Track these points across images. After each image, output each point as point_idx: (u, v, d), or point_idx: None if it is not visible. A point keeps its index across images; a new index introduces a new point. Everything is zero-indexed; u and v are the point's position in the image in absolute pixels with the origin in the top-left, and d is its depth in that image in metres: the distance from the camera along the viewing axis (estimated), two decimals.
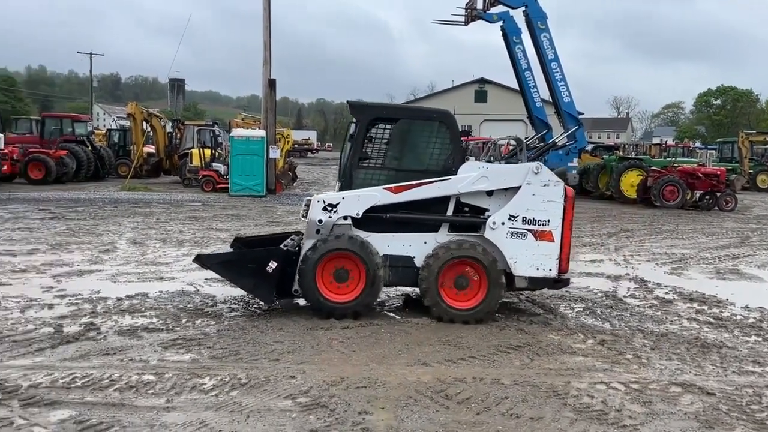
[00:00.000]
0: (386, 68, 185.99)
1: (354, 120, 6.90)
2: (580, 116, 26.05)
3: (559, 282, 6.75)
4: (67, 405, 4.18)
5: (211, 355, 5.26)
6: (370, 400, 4.44)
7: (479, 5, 25.83)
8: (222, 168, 22.98)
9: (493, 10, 25.69)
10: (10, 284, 7.65)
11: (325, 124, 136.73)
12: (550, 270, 6.60)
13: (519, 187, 6.60)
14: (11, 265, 8.74)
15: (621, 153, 30.04)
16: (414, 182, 6.58)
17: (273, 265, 6.47)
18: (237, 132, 22.84)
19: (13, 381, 4.53)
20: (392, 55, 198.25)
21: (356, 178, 6.77)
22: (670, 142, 50.13)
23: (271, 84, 22.27)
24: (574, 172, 24.71)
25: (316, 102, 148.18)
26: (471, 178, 6.62)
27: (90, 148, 27.56)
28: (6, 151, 25.08)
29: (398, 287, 7.37)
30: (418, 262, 6.58)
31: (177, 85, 61.53)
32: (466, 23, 26.50)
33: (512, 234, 6.56)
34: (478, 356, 5.42)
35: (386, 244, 6.64)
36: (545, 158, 24.92)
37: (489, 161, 24.94)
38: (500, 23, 25.64)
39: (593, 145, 34.41)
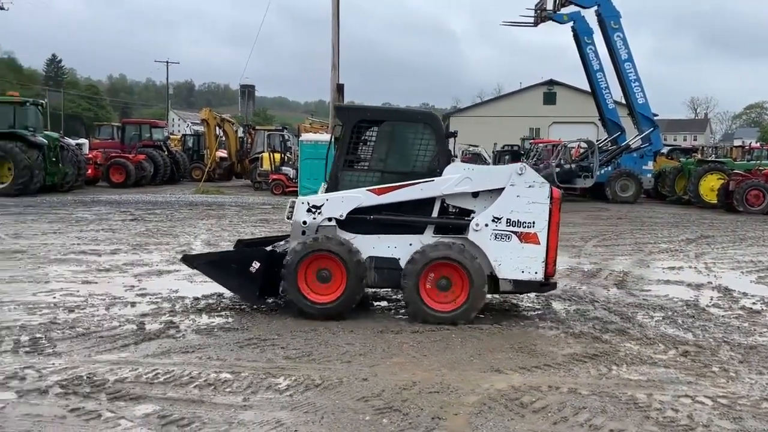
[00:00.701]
0: (451, 71, 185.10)
1: (340, 123, 6.98)
2: (654, 118, 25.14)
3: (545, 285, 6.62)
4: (150, 400, 4.34)
5: (285, 356, 5.35)
6: (443, 405, 4.40)
7: (549, 6, 25.36)
8: (291, 172, 23.45)
9: (564, 10, 25.17)
10: (96, 282, 8.03)
11: None
12: (536, 273, 6.46)
13: (503, 189, 6.50)
14: (97, 264, 9.19)
15: (700, 156, 28.75)
16: (397, 184, 6.56)
17: (256, 265, 6.58)
18: (306, 136, 23.25)
19: (100, 375, 4.75)
20: (457, 58, 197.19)
21: (342, 180, 6.80)
22: (754, 144, 47.57)
23: (340, 89, 22.54)
24: (649, 175, 23.86)
25: (381, 105, 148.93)
26: (454, 179, 6.55)
27: (166, 153, 28.71)
28: (90, 156, 26.46)
29: (384, 289, 7.31)
30: (403, 263, 6.51)
31: (247, 91, 63.37)
32: (536, 24, 26.07)
33: (496, 236, 6.47)
34: (552, 364, 5.28)
35: (372, 245, 6.62)
36: (618, 161, 24.19)
37: (559, 164, 24.20)
38: (571, 24, 25.11)
39: (669, 147, 33.09)
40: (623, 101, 26.04)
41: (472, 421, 4.16)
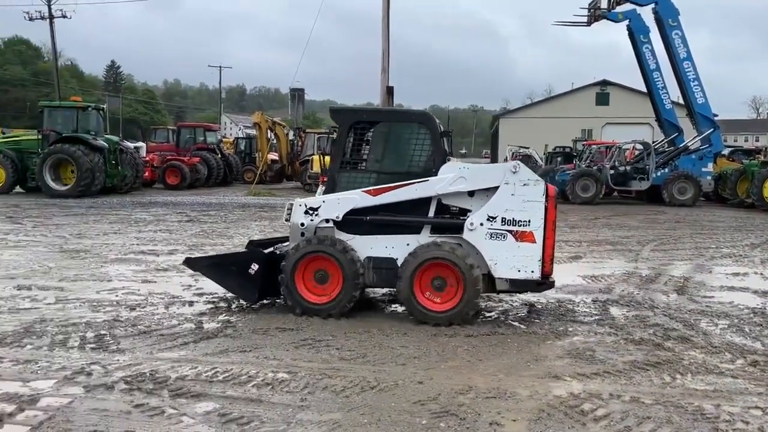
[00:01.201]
0: (500, 73, 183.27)
1: (336, 125, 7.04)
2: (715, 118, 24.27)
3: (542, 285, 6.48)
4: (210, 398, 4.42)
5: (340, 357, 5.37)
6: (501, 411, 4.33)
7: (603, 4, 24.83)
8: None
9: (619, 8, 24.61)
10: (155, 282, 8.26)
11: None
12: (533, 272, 6.34)
13: (498, 188, 6.41)
14: (155, 264, 9.45)
15: (763, 157, 27.60)
16: (392, 184, 6.56)
17: (255, 267, 6.72)
18: None
19: (162, 372, 4.86)
20: (506, 59, 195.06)
21: (340, 181, 6.84)
22: None
23: (389, 91, 22.60)
24: (709, 177, 23.06)
25: (429, 108, 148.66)
26: (449, 179, 6.51)
27: (219, 156, 29.37)
28: (147, 158, 27.30)
29: (385, 288, 7.33)
30: (401, 263, 6.50)
31: (297, 94, 64.22)
32: (589, 23, 25.56)
33: (491, 235, 6.39)
34: (613, 372, 5.14)
35: (369, 246, 6.64)
36: (676, 163, 23.47)
37: (613, 166, 23.71)
38: (626, 22, 24.51)
39: (731, 148, 31.92)
40: (681, 101, 25.27)
41: (531, 428, 4.09)
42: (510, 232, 6.39)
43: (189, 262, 7.30)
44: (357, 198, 6.63)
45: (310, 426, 4.04)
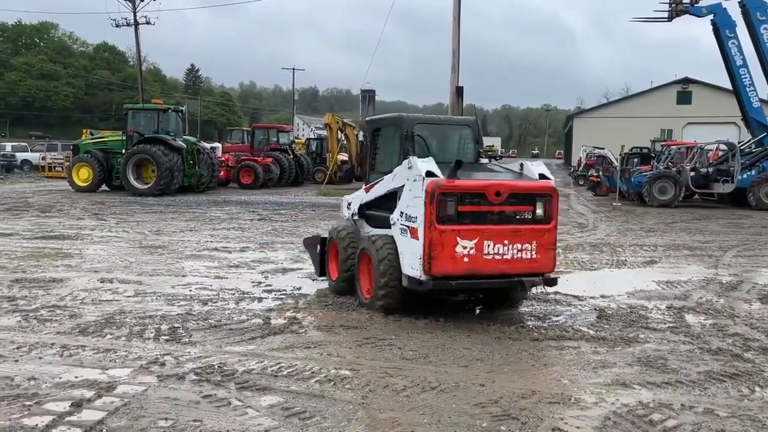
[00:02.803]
0: (574, 71, 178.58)
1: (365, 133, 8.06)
2: None
3: (421, 284, 6.18)
4: (275, 392, 4.54)
5: (402, 356, 5.39)
6: (564, 417, 4.23)
7: None
8: None
9: (702, 2, 23.53)
10: (227, 278, 8.55)
11: (509, 130, 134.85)
12: (416, 270, 6.19)
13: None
14: (227, 261, 9.78)
15: None
16: (374, 182, 7.31)
17: (318, 248, 8.09)
18: None
19: (230, 365, 5.03)
20: (580, 57, 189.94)
21: (370, 180, 7.56)
22: None
23: (459, 91, 22.44)
24: None
25: (501, 108, 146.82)
26: (391, 176, 6.87)
27: (291, 156, 30.02)
28: (223, 158, 28.23)
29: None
30: None
31: (368, 96, 64.84)
32: (670, 19, 24.56)
33: (401, 230, 6.55)
34: (686, 381, 4.92)
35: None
36: (764, 165, 22.19)
37: (694, 167, 22.63)
38: (710, 17, 23.37)
39: None
40: None
41: None
42: (407, 227, 6.42)
43: (304, 241, 8.87)
44: (361, 195, 7.62)
45: (370, 423, 4.08)
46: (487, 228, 6.24)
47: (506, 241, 6.27)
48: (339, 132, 30.82)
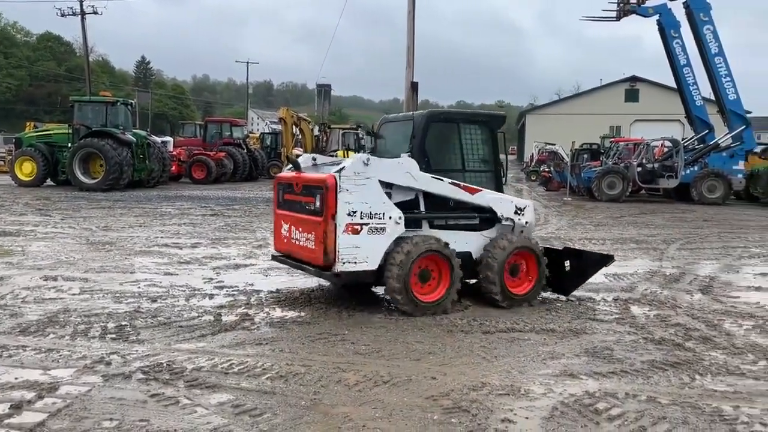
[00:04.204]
0: (526, 69, 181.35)
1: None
2: (747, 115, 23.74)
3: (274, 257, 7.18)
4: (225, 389, 4.47)
5: (355, 351, 5.39)
6: (513, 408, 4.30)
7: None
8: None
9: (649, 3, 24.23)
10: (177, 274, 8.38)
11: None
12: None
13: None
14: (178, 257, 9.58)
15: None
16: None
17: None
18: None
19: (179, 363, 4.94)
20: (532, 55, 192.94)
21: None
22: None
23: (414, 87, 22.52)
24: (740, 176, 22.56)
25: (456, 104, 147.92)
26: None
27: (245, 151, 29.63)
28: (175, 153, 27.67)
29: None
30: None
31: (324, 90, 64.52)
32: (618, 18, 25.18)
33: None
34: (630, 371, 5.07)
35: None
36: (706, 161, 23.02)
37: (641, 163, 23.27)
38: (656, 17, 24.07)
39: (763, 146, 31.12)
40: (712, 98, 24.75)
41: (543, 426, 4.05)
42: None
43: None
44: None
45: (322, 419, 4.06)
46: (293, 215, 6.98)
47: (300, 229, 6.82)
48: (294, 126, 30.53)
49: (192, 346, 5.42)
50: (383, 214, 6.50)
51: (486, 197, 7.09)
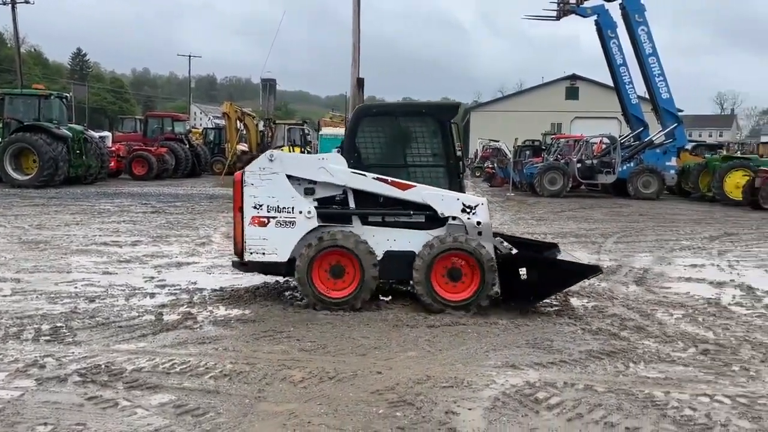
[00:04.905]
0: (471, 66, 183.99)
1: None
2: (679, 113, 24.76)
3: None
4: (167, 389, 4.38)
5: (300, 348, 5.37)
6: (457, 400, 4.38)
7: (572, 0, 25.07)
8: None
9: (587, 3, 24.94)
10: (117, 273, 8.14)
11: None
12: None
13: None
14: (117, 256, 9.31)
15: (725, 152, 28.25)
16: None
17: None
18: (326, 131, 23.37)
19: (118, 364, 4.81)
20: (475, 53, 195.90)
21: None
22: None
23: (360, 83, 22.45)
24: (673, 171, 23.53)
25: (402, 100, 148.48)
26: None
27: (188, 146, 29.00)
28: (113, 148, 26.84)
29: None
30: None
31: (269, 85, 63.65)
32: (558, 18, 25.84)
33: None
34: (569, 361, 5.24)
35: None
36: (641, 157, 23.89)
37: (580, 160, 23.90)
38: (594, 17, 24.81)
39: (694, 143, 32.60)
40: (647, 96, 25.70)
41: (485, 416, 4.14)
42: None
43: None
44: None
45: (266, 417, 4.04)
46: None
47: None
48: (238, 121, 30.07)
49: (132, 346, 5.29)
50: (292, 208, 6.60)
51: (422, 193, 6.68)
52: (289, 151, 25.21)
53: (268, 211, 6.58)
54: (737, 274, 9.17)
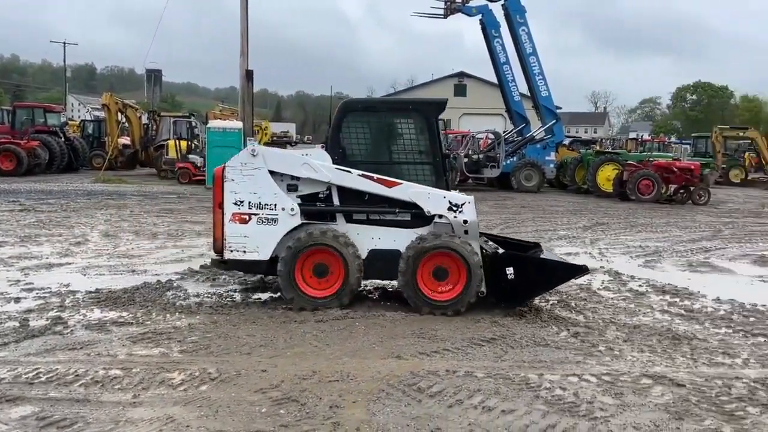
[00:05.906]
0: (363, 61, 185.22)
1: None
2: (557, 110, 26.21)
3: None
4: (29, 401, 4.07)
5: (180, 349, 5.17)
6: (342, 393, 4.40)
7: None
8: (199, 160, 22.73)
9: (472, 3, 25.76)
10: None
11: (304, 116, 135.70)
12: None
13: None
14: None
15: (598, 147, 30.29)
16: None
17: None
18: (214, 123, 22.60)
19: None
20: (368, 48, 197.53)
21: None
22: (646, 136, 50.71)
23: (249, 75, 22.00)
24: (552, 166, 24.88)
25: (295, 94, 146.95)
26: None
27: (63, 140, 27.07)
28: None
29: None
30: None
31: (154, 75, 60.75)
32: (445, 16, 26.51)
33: None
34: (452, 349, 5.40)
35: None
36: (523, 152, 25.07)
37: (467, 154, 24.65)
38: (479, 17, 25.69)
39: (571, 139, 34.70)
40: (528, 94, 26.97)
41: (369, 408, 4.19)
42: None
43: None
44: None
45: (141, 424, 3.85)
46: None
47: None
48: (119, 113, 28.45)
49: None
50: (274, 205, 6.45)
51: (408, 191, 6.53)
52: (176, 146, 24.24)
53: (250, 208, 6.41)
54: (606, 261, 9.86)
